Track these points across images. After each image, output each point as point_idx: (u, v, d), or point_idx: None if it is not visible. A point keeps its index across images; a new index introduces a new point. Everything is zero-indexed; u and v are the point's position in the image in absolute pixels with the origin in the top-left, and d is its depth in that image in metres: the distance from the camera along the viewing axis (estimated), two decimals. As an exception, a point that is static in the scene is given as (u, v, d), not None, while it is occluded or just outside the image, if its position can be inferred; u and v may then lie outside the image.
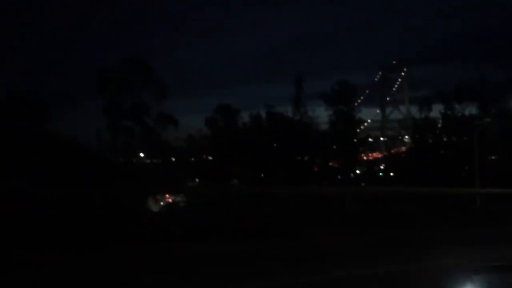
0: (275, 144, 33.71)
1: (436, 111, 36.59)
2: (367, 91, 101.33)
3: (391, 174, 39.25)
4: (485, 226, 13.01)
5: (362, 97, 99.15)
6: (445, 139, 35.41)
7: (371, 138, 63.85)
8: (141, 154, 31.17)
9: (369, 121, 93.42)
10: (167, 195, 23.87)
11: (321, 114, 35.99)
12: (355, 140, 37.67)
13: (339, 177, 36.09)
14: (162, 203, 24.01)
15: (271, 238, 10.06)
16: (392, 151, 47.36)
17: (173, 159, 32.11)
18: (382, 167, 46.07)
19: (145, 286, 6.72)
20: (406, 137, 50.17)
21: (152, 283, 6.76)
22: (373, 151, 55.38)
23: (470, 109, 34.60)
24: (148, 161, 31.48)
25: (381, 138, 76.45)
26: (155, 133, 25.68)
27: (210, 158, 36.04)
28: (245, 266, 7.60)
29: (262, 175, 32.54)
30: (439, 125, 36.04)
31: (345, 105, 35.90)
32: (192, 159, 35.96)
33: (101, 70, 24.75)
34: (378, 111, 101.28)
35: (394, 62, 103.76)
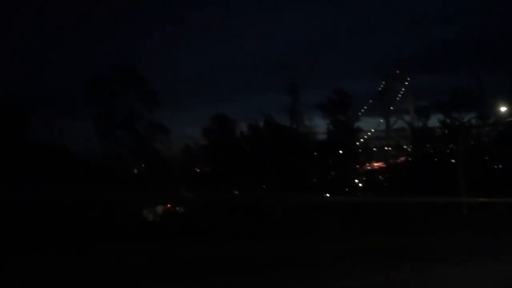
0: (272, 153, 33.85)
1: (436, 120, 36.66)
2: (370, 101, 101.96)
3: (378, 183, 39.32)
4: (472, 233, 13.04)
5: (365, 107, 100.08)
6: (443, 147, 35.40)
7: (375, 148, 63.89)
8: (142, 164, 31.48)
9: (372, 130, 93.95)
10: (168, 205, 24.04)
11: (320, 124, 36.25)
12: (353, 150, 37.73)
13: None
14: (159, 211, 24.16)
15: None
16: (393, 160, 47.30)
17: (169, 169, 32.38)
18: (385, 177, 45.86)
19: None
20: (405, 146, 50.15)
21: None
22: (377, 160, 55.30)
23: (469, 117, 34.60)
24: (145, 170, 31.76)
25: (386, 148, 76.40)
26: (146, 142, 25.92)
27: (207, 168, 36.30)
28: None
29: (258, 183, 32.61)
30: (438, 133, 35.97)
31: (342, 114, 36.03)
32: (189, 169, 36.18)
33: (91, 78, 25.08)
34: (381, 120, 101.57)
35: (397, 71, 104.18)
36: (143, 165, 30.36)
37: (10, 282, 6.39)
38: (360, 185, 39.65)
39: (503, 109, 26.70)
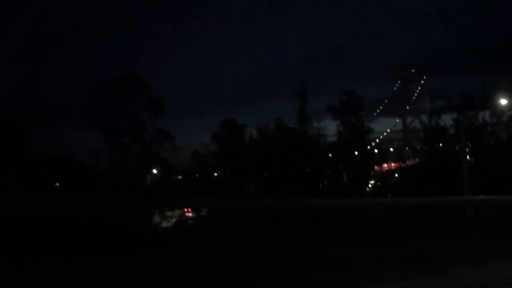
0: (281, 156, 33.75)
1: (449, 119, 36.19)
2: (386, 101, 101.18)
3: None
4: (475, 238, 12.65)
5: (381, 107, 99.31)
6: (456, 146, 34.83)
7: (391, 148, 63.12)
8: (154, 171, 31.67)
9: (388, 130, 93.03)
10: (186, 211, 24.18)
11: (331, 127, 36.12)
12: (365, 151, 37.35)
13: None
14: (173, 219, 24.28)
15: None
16: (407, 161, 46.67)
17: (179, 176, 32.62)
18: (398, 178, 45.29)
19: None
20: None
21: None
22: (392, 161, 54.62)
23: (483, 116, 34.14)
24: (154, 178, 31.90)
25: (406, 148, 75.48)
26: (152, 150, 26.05)
27: (216, 174, 36.38)
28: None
29: (267, 188, 32.52)
30: (451, 133, 35.42)
31: (353, 115, 35.79)
32: (198, 175, 36.30)
33: (94, 89, 25.32)
34: (397, 120, 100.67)
35: (413, 70, 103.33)
36: (153, 171, 30.58)
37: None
38: (371, 186, 39.30)
39: (503, 101, 26.31)
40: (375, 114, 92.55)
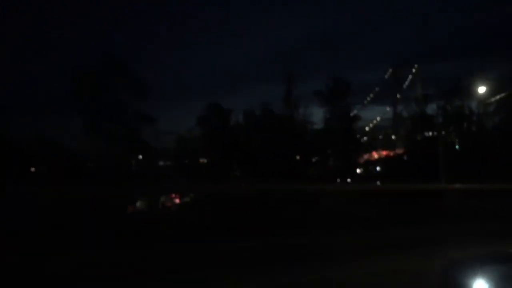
0: (268, 143, 33.70)
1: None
2: (376, 88, 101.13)
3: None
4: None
5: (371, 95, 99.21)
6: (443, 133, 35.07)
7: (380, 136, 63.37)
8: (140, 156, 31.51)
9: (378, 118, 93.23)
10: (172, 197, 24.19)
11: (319, 113, 36.14)
12: (352, 138, 37.45)
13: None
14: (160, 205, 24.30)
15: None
16: (395, 149, 46.93)
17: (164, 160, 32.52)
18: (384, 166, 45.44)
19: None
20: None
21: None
22: (382, 149, 54.80)
23: (469, 105, 34.40)
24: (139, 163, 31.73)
25: (393, 136, 75.75)
26: (134, 133, 25.84)
27: (202, 160, 36.30)
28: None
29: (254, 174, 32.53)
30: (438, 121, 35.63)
31: (340, 101, 35.79)
32: (185, 161, 36.14)
33: (76, 72, 25.03)
34: (388, 108, 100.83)
35: (404, 59, 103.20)
36: (139, 156, 30.46)
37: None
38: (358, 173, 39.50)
39: (482, 89, 26.59)
40: (365, 102, 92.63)
